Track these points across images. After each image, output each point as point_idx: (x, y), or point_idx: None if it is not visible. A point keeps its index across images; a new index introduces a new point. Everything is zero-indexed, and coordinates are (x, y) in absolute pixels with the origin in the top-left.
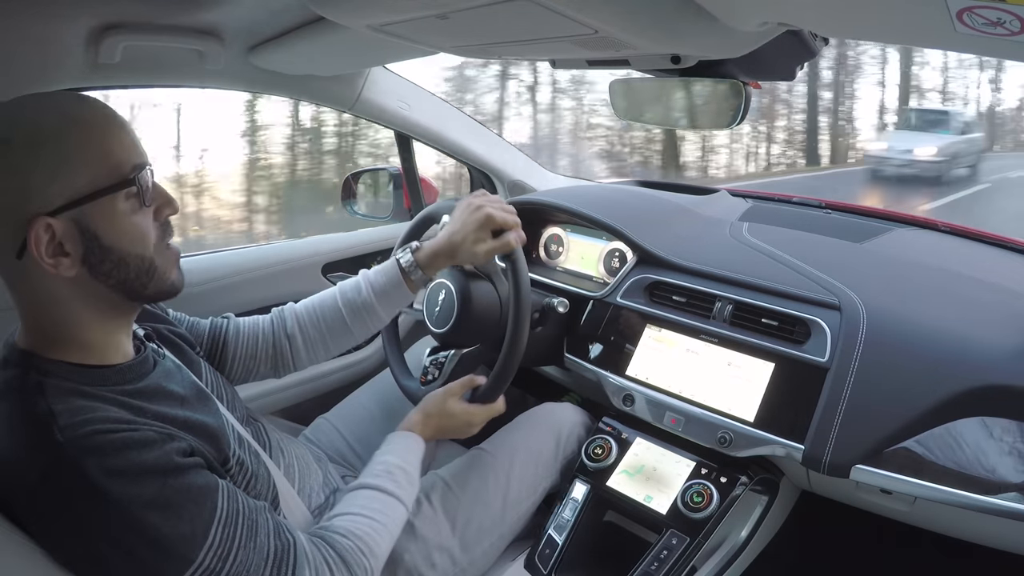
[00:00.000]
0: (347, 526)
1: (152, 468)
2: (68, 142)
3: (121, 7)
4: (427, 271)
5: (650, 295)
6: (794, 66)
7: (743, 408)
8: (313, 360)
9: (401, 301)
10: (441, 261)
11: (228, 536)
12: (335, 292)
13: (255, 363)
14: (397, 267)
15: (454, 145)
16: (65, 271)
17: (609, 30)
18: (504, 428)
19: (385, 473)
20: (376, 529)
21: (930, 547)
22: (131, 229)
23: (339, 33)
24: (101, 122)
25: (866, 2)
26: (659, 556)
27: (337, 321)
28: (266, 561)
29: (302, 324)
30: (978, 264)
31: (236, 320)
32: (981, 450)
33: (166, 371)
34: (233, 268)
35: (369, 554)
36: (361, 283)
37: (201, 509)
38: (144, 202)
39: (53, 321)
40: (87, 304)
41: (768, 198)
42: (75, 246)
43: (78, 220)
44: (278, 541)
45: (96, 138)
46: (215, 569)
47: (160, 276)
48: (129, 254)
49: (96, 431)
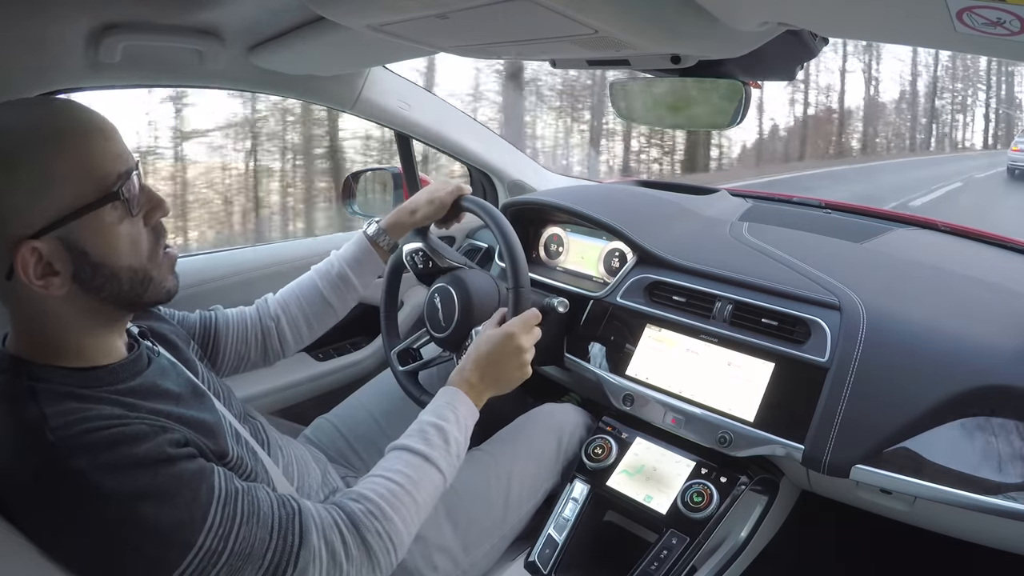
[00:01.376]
0: (360, 490)
1: (144, 460)
2: (45, 159)
3: (121, 7)
4: (392, 234)
5: (650, 295)
6: (794, 66)
7: (743, 408)
8: (299, 341)
9: (373, 268)
10: (403, 217)
11: (229, 515)
12: (311, 272)
13: (246, 349)
14: (365, 237)
15: (454, 145)
16: (56, 290)
17: (609, 30)
18: (505, 429)
19: (416, 432)
20: (393, 491)
21: (930, 547)
22: (120, 241)
23: (339, 33)
24: (79, 133)
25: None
26: (659, 556)
27: (316, 296)
28: (271, 533)
29: (284, 305)
30: (978, 264)
31: (224, 311)
32: (981, 450)
33: (161, 369)
34: (227, 269)
35: (382, 517)
36: (333, 257)
37: (197, 493)
38: (132, 211)
39: (45, 332)
40: (80, 316)
41: (768, 198)
42: (64, 264)
43: (64, 238)
44: (282, 511)
45: (75, 151)
46: (218, 549)
47: (155, 285)
48: (120, 267)
49: (87, 429)
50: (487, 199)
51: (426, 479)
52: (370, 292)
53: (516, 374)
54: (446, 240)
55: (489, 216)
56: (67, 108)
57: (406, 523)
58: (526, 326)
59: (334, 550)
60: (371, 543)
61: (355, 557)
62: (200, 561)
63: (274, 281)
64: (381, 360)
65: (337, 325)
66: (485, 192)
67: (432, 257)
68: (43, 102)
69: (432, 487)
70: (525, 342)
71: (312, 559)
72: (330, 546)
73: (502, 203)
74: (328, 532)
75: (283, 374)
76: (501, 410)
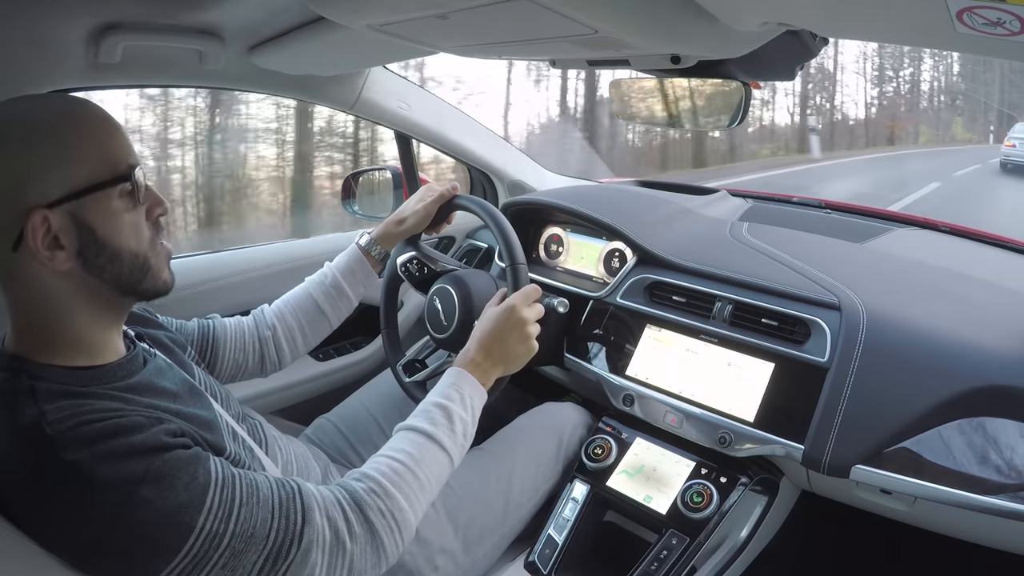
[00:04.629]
0: (364, 468)
1: (140, 448)
2: (65, 138)
3: (121, 7)
4: (384, 245)
5: (650, 295)
6: (794, 66)
7: (743, 408)
8: (295, 351)
9: (365, 278)
10: (392, 228)
11: (228, 497)
12: (305, 283)
13: (244, 357)
14: (357, 247)
15: (454, 145)
16: (60, 264)
17: (609, 30)
18: (505, 428)
19: (421, 412)
20: (396, 470)
21: (930, 547)
22: (125, 225)
23: (339, 33)
24: (97, 122)
25: (866, 2)
26: (659, 556)
27: (310, 307)
28: (272, 513)
29: (279, 315)
30: (978, 264)
31: (221, 320)
32: (981, 450)
33: (157, 368)
34: (226, 270)
35: (385, 495)
36: (327, 268)
37: (194, 476)
38: (138, 200)
39: (45, 318)
40: (80, 299)
41: (768, 198)
42: (70, 240)
43: (74, 214)
44: (282, 491)
45: (93, 136)
46: (219, 532)
47: (153, 273)
48: (123, 249)
49: (84, 422)
50: (487, 199)
51: (430, 458)
52: (370, 292)
53: (521, 348)
54: (446, 240)
55: (478, 206)
56: (85, 102)
57: (410, 502)
58: (527, 299)
59: (337, 528)
60: (374, 521)
61: (359, 535)
62: (202, 545)
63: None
64: (381, 360)
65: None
66: (485, 192)
67: (426, 263)
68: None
69: (437, 466)
70: (528, 314)
71: (316, 538)
72: (333, 524)
73: (502, 203)
74: (331, 510)
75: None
76: (502, 410)
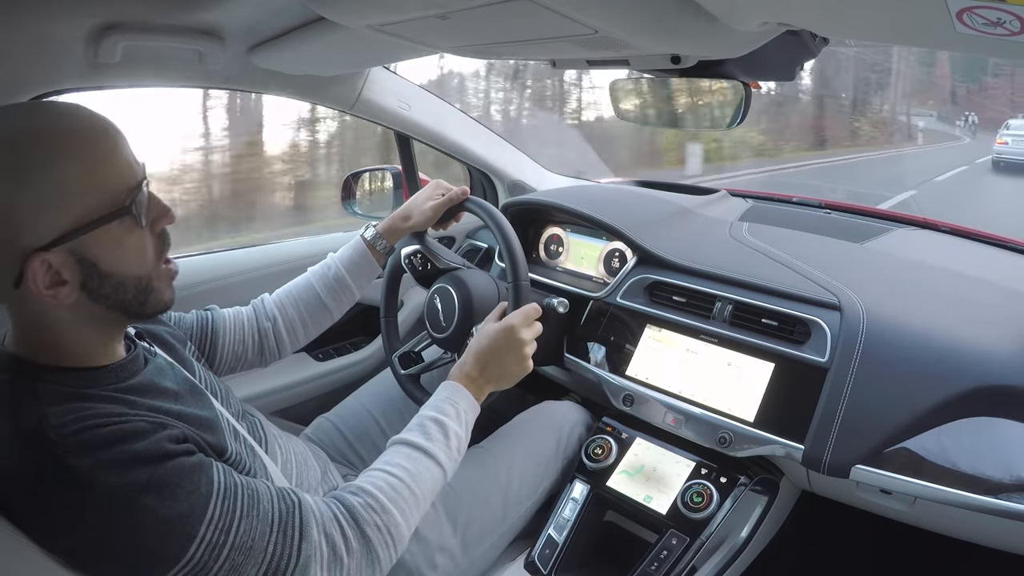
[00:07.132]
0: (360, 483)
1: (143, 455)
2: (57, 169)
3: (121, 7)
4: (389, 239)
5: (650, 295)
6: (794, 66)
7: (743, 408)
8: (295, 343)
9: (369, 271)
10: (398, 223)
11: (229, 508)
12: (307, 274)
13: (243, 348)
14: (362, 240)
15: (454, 145)
16: (64, 299)
17: (609, 30)
18: (505, 427)
19: (417, 426)
20: (392, 485)
21: (930, 547)
22: (128, 252)
23: (339, 33)
24: (91, 140)
25: (866, 2)
26: (659, 556)
27: (312, 299)
28: (271, 527)
29: (280, 306)
30: (978, 264)
31: (220, 311)
32: (981, 450)
33: (158, 368)
34: (226, 270)
35: (381, 511)
36: (330, 259)
37: (197, 486)
38: (140, 224)
39: (48, 337)
40: (84, 323)
41: (768, 198)
42: (73, 275)
43: (74, 250)
44: (282, 504)
45: (87, 162)
46: (219, 543)
47: (155, 295)
48: (128, 276)
49: (87, 427)
50: (487, 199)
51: (425, 473)
52: (369, 292)
53: (516, 368)
54: (446, 240)
55: (487, 213)
56: (76, 114)
57: (405, 516)
58: (526, 320)
59: (334, 544)
60: (371, 536)
61: (355, 551)
62: (202, 555)
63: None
64: (381, 360)
65: (337, 325)
66: (485, 192)
67: (430, 259)
68: (50, 107)
69: (432, 481)
70: (526, 335)
71: (313, 553)
72: (330, 540)
73: (502, 203)
74: (328, 526)
75: (283, 374)
76: (501, 408)
